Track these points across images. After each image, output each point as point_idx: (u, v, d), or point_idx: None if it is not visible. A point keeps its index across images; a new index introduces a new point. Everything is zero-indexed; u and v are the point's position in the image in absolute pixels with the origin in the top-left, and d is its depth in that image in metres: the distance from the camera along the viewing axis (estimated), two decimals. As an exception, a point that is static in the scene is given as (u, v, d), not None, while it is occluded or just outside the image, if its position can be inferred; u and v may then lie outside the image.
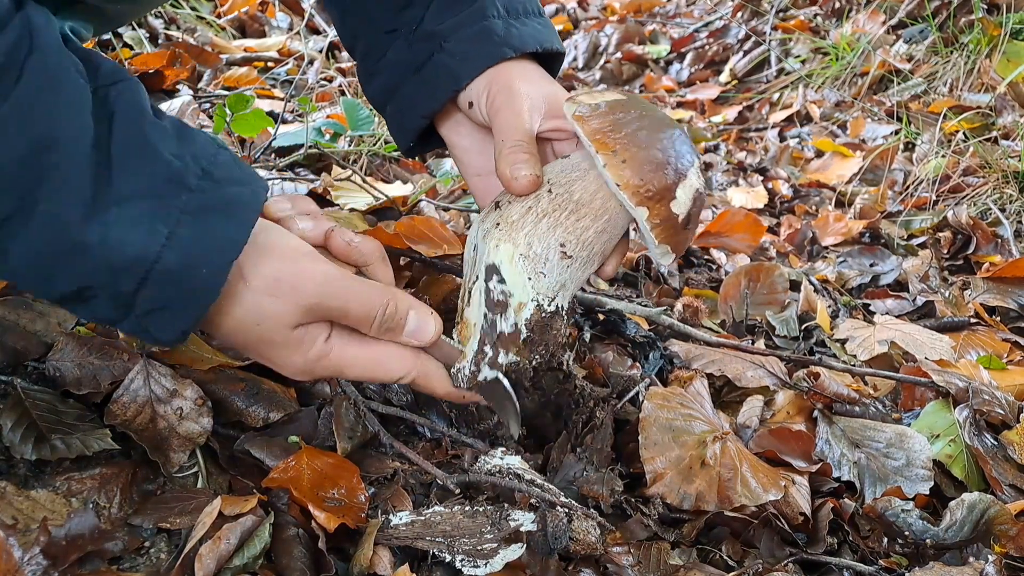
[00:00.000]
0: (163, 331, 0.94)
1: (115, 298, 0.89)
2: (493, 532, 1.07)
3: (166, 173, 0.89)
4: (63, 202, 0.84)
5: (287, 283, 0.97)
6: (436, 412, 1.29)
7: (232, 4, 3.77)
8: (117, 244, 0.86)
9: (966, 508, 1.29)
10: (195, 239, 0.89)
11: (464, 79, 1.23)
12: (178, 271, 0.88)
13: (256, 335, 0.99)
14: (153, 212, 0.87)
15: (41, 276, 0.88)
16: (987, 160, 2.86)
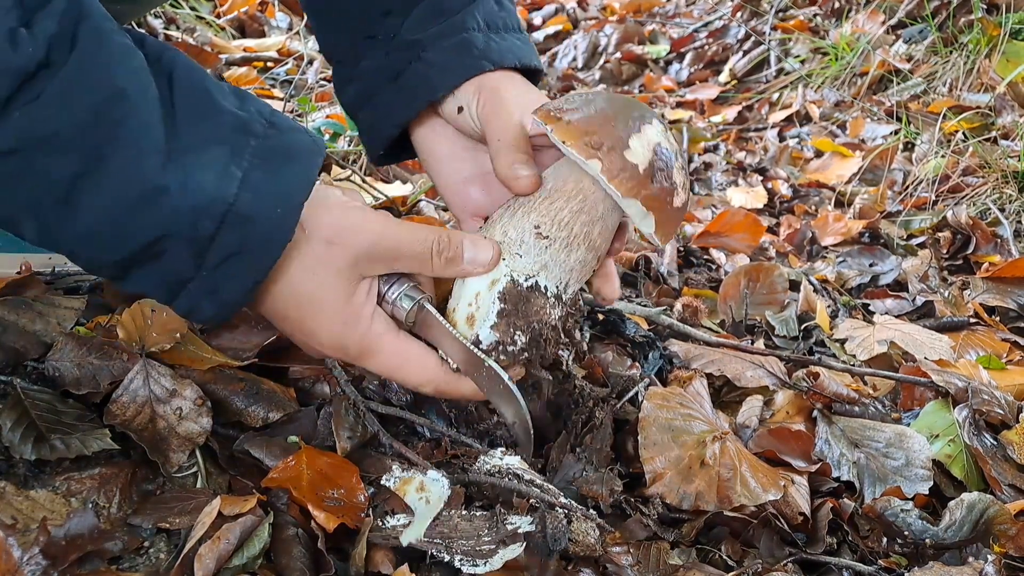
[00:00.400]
0: (234, 285, 0.94)
1: (192, 244, 0.90)
2: (491, 535, 1.07)
3: (232, 122, 0.93)
4: (139, 151, 0.87)
5: (347, 230, 1.01)
6: (436, 412, 1.29)
7: (231, 4, 3.77)
8: (196, 186, 0.89)
9: (965, 508, 1.29)
10: (267, 181, 0.93)
11: (441, 90, 1.22)
12: (254, 213, 0.91)
13: (308, 292, 1.00)
14: (226, 157, 0.91)
15: (116, 230, 0.88)
16: (986, 160, 2.86)
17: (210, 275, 0.93)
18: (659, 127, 1.11)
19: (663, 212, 1.10)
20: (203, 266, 0.92)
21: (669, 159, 1.10)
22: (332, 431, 1.22)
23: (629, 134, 1.08)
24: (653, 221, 1.09)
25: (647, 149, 1.08)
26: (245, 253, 0.93)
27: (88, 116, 0.84)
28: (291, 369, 1.32)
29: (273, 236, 0.94)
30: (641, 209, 1.08)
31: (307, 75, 3.01)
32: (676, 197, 1.11)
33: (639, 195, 1.08)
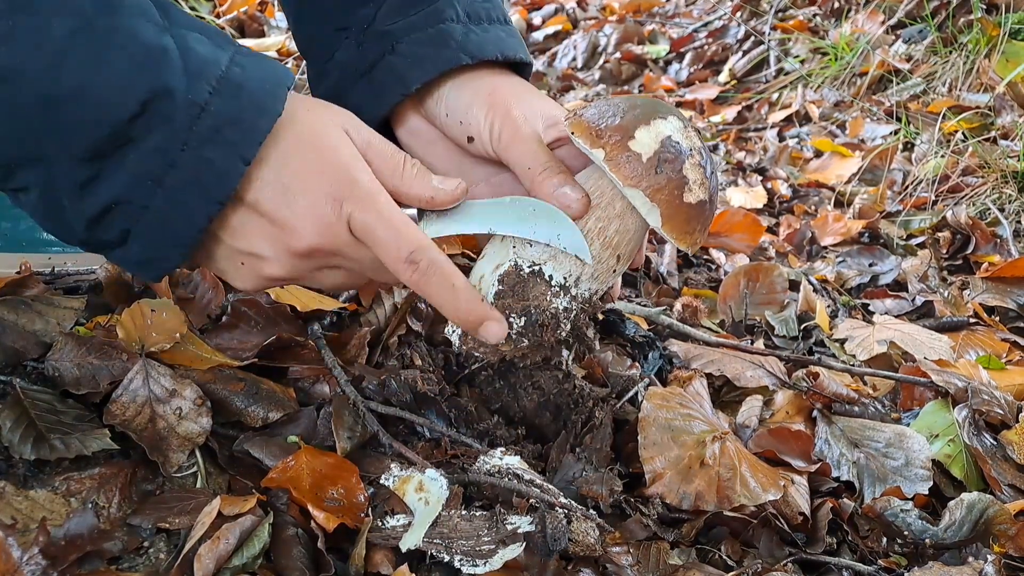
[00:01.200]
0: (223, 167, 0.92)
1: (187, 108, 0.89)
2: (491, 535, 1.07)
3: (214, 29, 0.97)
4: (138, 16, 0.88)
5: (329, 105, 1.04)
6: (435, 412, 1.29)
7: (231, 4, 3.77)
8: (190, 52, 0.90)
9: (965, 508, 1.29)
10: (253, 65, 0.95)
11: (414, 83, 1.18)
12: (245, 83, 0.93)
13: (303, 147, 0.98)
14: (211, 43, 0.94)
15: (115, 84, 0.86)
16: (986, 160, 2.86)
17: (197, 154, 0.90)
18: (676, 123, 1.10)
19: (670, 205, 1.07)
20: (191, 140, 0.90)
21: (681, 152, 1.08)
22: (332, 431, 1.22)
23: (637, 126, 1.08)
24: (659, 214, 1.08)
25: (654, 140, 1.07)
26: (237, 122, 0.92)
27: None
28: (291, 369, 1.32)
29: (265, 106, 0.94)
30: (645, 200, 1.07)
31: (306, 75, 3.01)
32: (688, 192, 1.08)
33: (640, 185, 1.07)
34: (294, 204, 0.98)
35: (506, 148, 1.15)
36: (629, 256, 1.16)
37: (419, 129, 1.25)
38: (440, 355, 1.43)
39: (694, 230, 1.11)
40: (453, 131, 1.21)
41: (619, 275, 1.18)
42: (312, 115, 1.01)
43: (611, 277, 1.16)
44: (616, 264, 1.15)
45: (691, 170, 1.09)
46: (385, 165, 1.03)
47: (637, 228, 1.14)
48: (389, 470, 1.16)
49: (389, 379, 1.30)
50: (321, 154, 0.99)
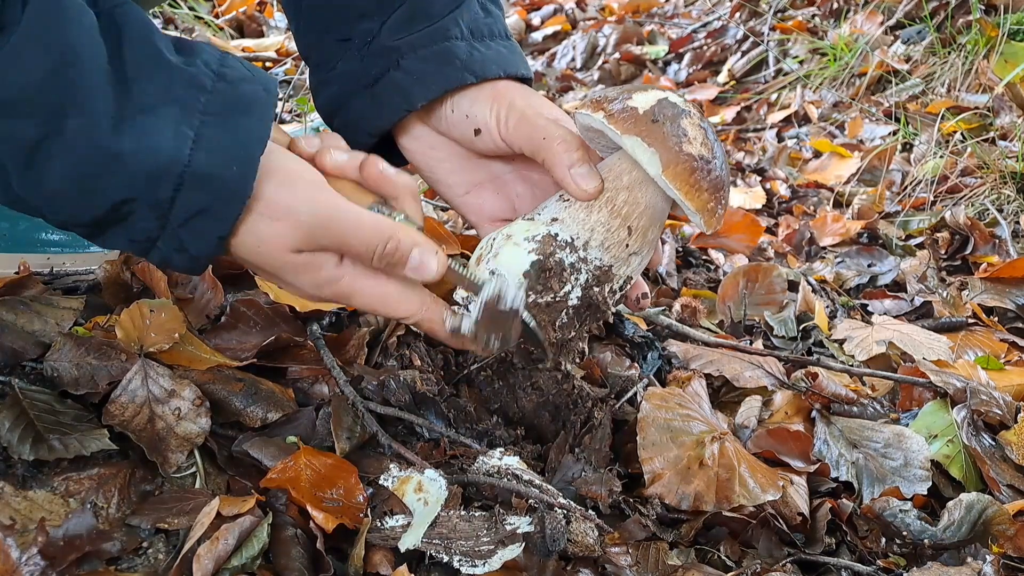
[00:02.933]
0: (200, 241, 0.94)
1: (154, 208, 0.90)
2: (490, 535, 1.07)
3: (182, 79, 0.91)
4: (91, 116, 0.86)
5: (282, 206, 0.96)
6: (434, 412, 1.29)
7: (230, 4, 3.77)
8: (149, 151, 0.88)
9: (964, 508, 1.29)
10: (220, 138, 0.91)
11: (419, 101, 1.19)
12: (210, 171, 0.91)
13: (259, 258, 0.99)
14: (177, 117, 0.90)
15: (83, 192, 0.89)
16: (985, 161, 2.86)
17: (175, 233, 0.93)
18: (674, 97, 1.12)
19: (669, 151, 1.08)
20: (167, 226, 0.92)
21: (679, 109, 1.10)
22: (331, 431, 1.22)
23: (635, 92, 1.12)
24: (659, 160, 1.08)
25: (652, 99, 1.11)
26: (207, 212, 0.92)
27: (43, 78, 0.84)
28: (289, 369, 1.32)
29: (233, 193, 0.93)
30: (643, 146, 1.08)
31: (305, 75, 3.01)
32: (687, 143, 1.09)
33: (637, 131, 1.08)
34: (297, 280, 1.03)
35: (515, 129, 1.16)
36: (643, 233, 1.14)
37: (422, 135, 1.26)
38: (439, 355, 1.43)
39: (702, 188, 1.09)
40: (459, 128, 1.21)
41: (638, 257, 1.16)
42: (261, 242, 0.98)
43: (623, 251, 1.14)
44: (628, 237, 1.13)
45: (690, 127, 1.10)
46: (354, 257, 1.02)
47: (649, 203, 1.13)
48: (388, 470, 1.16)
49: (388, 379, 1.30)
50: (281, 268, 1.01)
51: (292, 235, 0.97)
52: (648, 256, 1.18)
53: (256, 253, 0.99)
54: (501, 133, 1.17)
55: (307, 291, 1.04)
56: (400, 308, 1.06)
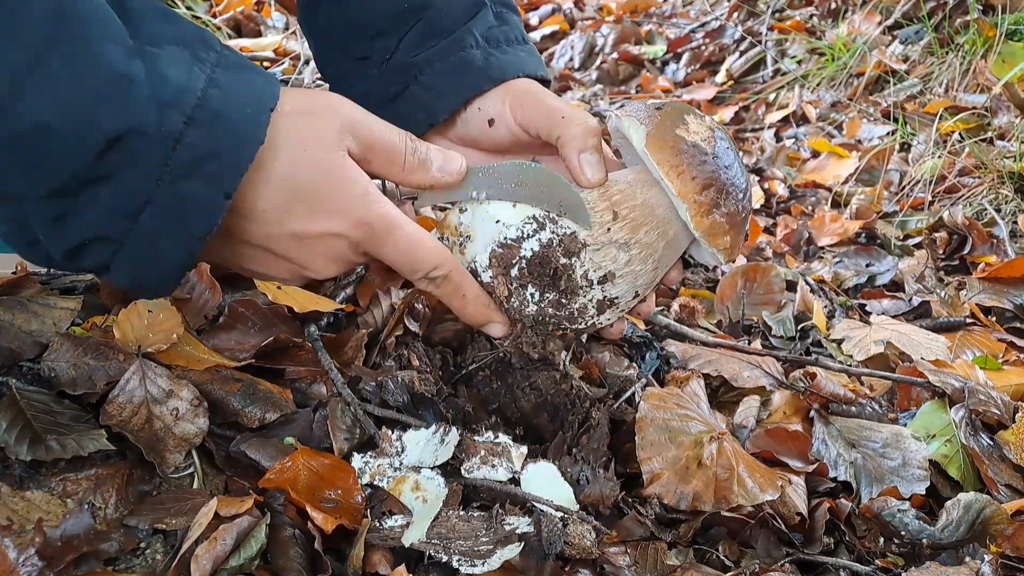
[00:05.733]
0: (201, 202, 0.84)
1: (160, 142, 0.81)
2: (488, 535, 1.07)
3: (193, 31, 0.88)
4: (101, 39, 0.79)
5: (322, 104, 0.95)
6: (433, 412, 1.29)
7: (228, 3, 3.76)
8: (162, 77, 0.81)
9: (962, 508, 1.29)
10: (233, 84, 0.86)
11: (442, 114, 1.20)
12: (223, 109, 0.84)
13: (310, 171, 0.92)
14: (189, 58, 0.84)
15: (77, 123, 0.78)
16: (983, 161, 2.86)
17: (171, 194, 0.82)
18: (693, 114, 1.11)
19: (658, 127, 1.07)
20: (165, 180, 0.82)
21: (686, 108, 1.10)
22: (329, 432, 1.21)
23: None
24: (644, 133, 1.07)
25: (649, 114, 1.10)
26: (216, 155, 0.84)
27: (36, 5, 0.76)
28: (288, 370, 1.32)
29: (245, 134, 0.85)
30: (636, 123, 1.08)
31: (304, 75, 3.01)
32: (683, 128, 1.07)
33: (635, 114, 1.09)
34: (311, 251, 0.98)
35: (532, 109, 1.15)
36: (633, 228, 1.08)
37: (440, 144, 1.26)
38: (438, 356, 1.42)
39: (686, 174, 1.05)
40: (474, 124, 1.21)
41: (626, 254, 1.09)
42: (309, 140, 0.93)
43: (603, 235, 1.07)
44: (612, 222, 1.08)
45: (694, 121, 1.09)
46: (386, 160, 1.01)
47: (650, 202, 1.09)
48: (385, 471, 1.16)
49: (386, 380, 1.30)
50: (331, 196, 0.94)
51: (335, 125, 0.94)
52: (648, 267, 1.12)
53: (302, 165, 0.91)
54: (516, 117, 1.17)
55: (354, 213, 0.95)
56: (437, 249, 1.02)
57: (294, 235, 0.95)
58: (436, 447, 1.18)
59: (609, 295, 1.10)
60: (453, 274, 1.05)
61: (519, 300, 1.09)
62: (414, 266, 1.01)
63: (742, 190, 1.09)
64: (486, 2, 1.25)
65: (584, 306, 1.11)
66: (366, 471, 1.15)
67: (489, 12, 1.25)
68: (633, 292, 1.11)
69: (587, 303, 1.10)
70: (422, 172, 1.03)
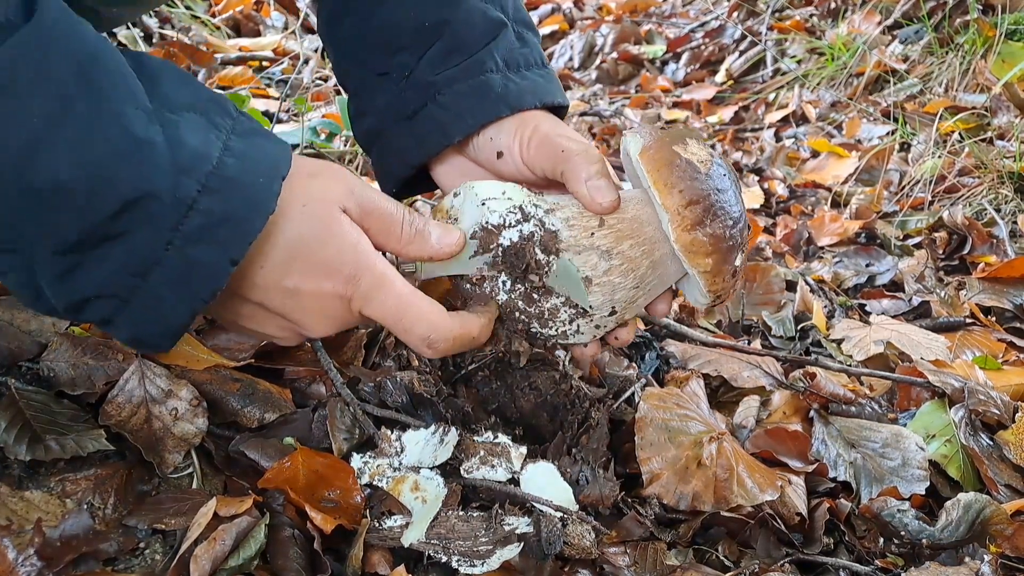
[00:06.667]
0: (209, 266, 0.86)
1: (174, 207, 0.82)
2: (488, 535, 1.07)
3: (208, 95, 0.89)
4: (124, 102, 0.81)
5: (327, 169, 0.97)
6: (432, 413, 1.29)
7: (227, 3, 3.76)
8: (179, 143, 0.82)
9: (962, 508, 1.29)
10: (248, 151, 0.88)
11: (456, 135, 1.20)
12: (237, 177, 0.85)
13: (308, 228, 0.93)
14: (205, 125, 0.86)
15: (96, 184, 0.78)
16: (983, 161, 2.86)
17: (179, 258, 0.84)
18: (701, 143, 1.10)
19: (652, 138, 1.07)
20: (176, 239, 0.83)
21: (695, 134, 1.10)
22: (328, 432, 1.21)
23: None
24: (640, 142, 1.07)
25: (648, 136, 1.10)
26: (227, 222, 0.85)
27: (61, 66, 0.78)
28: (287, 370, 1.32)
29: (258, 203, 0.87)
30: (636, 136, 1.08)
31: (303, 75, 3.01)
32: (680, 146, 1.06)
33: (639, 131, 1.08)
34: (305, 307, 0.98)
35: (537, 150, 1.15)
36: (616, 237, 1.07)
37: (455, 163, 1.27)
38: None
39: (674, 187, 1.03)
40: (484, 152, 1.22)
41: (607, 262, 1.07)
42: (309, 198, 0.94)
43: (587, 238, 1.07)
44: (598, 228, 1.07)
45: (695, 143, 1.08)
46: (383, 229, 1.01)
47: (640, 218, 1.08)
48: (384, 472, 1.16)
49: (385, 381, 1.30)
50: (325, 248, 0.95)
51: (339, 187, 0.96)
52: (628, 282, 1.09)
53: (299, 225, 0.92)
54: (523, 156, 1.17)
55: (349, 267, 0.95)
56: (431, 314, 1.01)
57: (289, 291, 0.96)
58: (435, 447, 1.18)
59: (583, 302, 1.09)
60: (450, 340, 1.02)
61: (491, 286, 1.08)
62: (405, 327, 1.00)
63: (733, 218, 1.06)
64: (507, 23, 1.25)
65: (555, 308, 1.09)
66: (365, 471, 1.15)
67: (510, 33, 1.25)
68: (610, 307, 1.09)
69: (559, 305, 1.09)
70: (419, 244, 1.03)
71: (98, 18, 1.36)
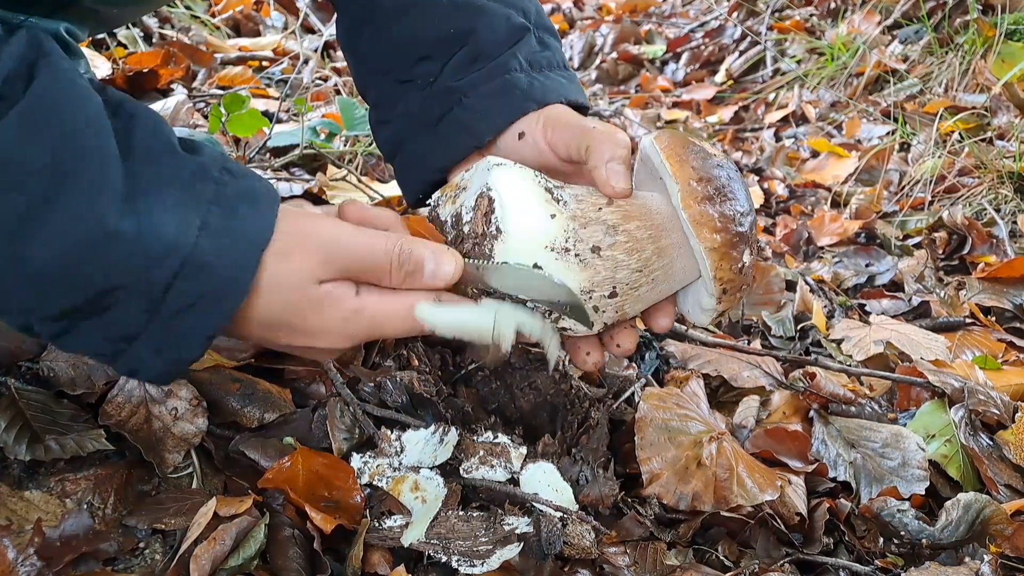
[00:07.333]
0: (188, 340, 0.89)
1: (146, 294, 0.85)
2: (488, 535, 1.07)
3: (190, 166, 0.88)
4: (95, 191, 0.81)
5: (292, 240, 0.93)
6: (432, 413, 1.29)
7: (227, 3, 3.76)
8: (152, 233, 0.83)
9: (962, 508, 1.29)
10: (226, 229, 0.87)
11: (487, 135, 1.19)
12: (212, 261, 0.86)
13: (282, 309, 0.93)
14: (183, 202, 0.86)
15: (67, 274, 0.82)
16: (982, 161, 2.86)
17: (160, 330, 0.87)
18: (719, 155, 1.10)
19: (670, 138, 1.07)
20: (154, 320, 0.87)
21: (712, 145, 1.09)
22: (328, 432, 1.21)
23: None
24: (654, 139, 1.07)
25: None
26: (201, 305, 0.87)
27: (41, 152, 0.79)
28: (287, 370, 1.32)
29: (232, 286, 0.88)
30: (651, 136, 1.07)
31: (303, 75, 3.01)
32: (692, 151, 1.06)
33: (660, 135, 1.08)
34: (311, 349, 1.00)
35: (561, 130, 1.14)
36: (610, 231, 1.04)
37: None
38: (437, 356, 1.42)
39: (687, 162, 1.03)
40: (507, 138, 1.20)
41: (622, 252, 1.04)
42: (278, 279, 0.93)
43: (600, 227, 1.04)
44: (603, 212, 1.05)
45: (710, 146, 1.07)
46: (373, 278, 0.99)
47: (648, 204, 1.07)
48: (384, 472, 1.16)
49: (385, 381, 1.30)
50: (306, 324, 0.95)
51: (307, 264, 0.93)
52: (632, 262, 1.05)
53: (279, 305, 0.93)
54: (547, 137, 1.16)
55: (339, 331, 0.97)
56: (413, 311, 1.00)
57: (286, 345, 0.99)
58: (435, 447, 1.18)
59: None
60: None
61: (490, 244, 1.03)
62: (415, 333, 1.01)
63: (744, 209, 1.06)
64: (529, 27, 1.24)
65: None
66: (365, 471, 1.15)
67: (532, 37, 1.24)
68: (610, 286, 1.04)
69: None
70: (413, 283, 1.00)
71: (98, 18, 1.36)
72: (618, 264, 1.04)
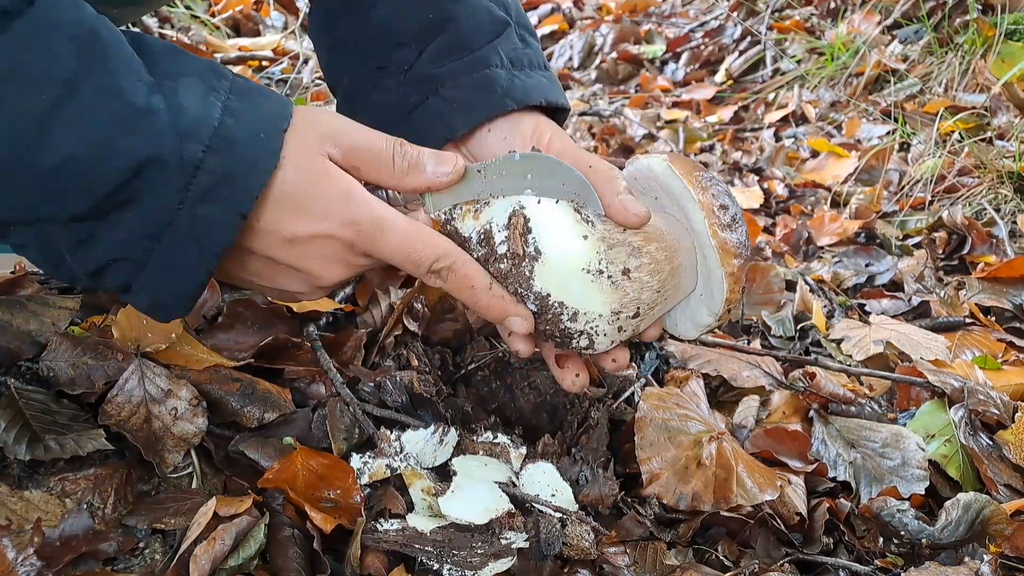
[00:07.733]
0: (220, 224, 0.89)
1: (178, 171, 0.86)
2: (484, 548, 1.06)
3: (205, 63, 0.92)
4: (123, 76, 0.84)
5: (304, 123, 0.96)
6: (432, 413, 1.29)
7: (226, 3, 3.76)
8: (181, 109, 0.86)
9: (962, 508, 1.29)
10: (247, 111, 0.91)
11: (461, 128, 1.18)
12: (239, 137, 0.89)
13: (297, 180, 0.94)
14: (204, 89, 0.89)
15: (101, 155, 0.83)
16: (982, 160, 2.86)
17: (190, 216, 0.88)
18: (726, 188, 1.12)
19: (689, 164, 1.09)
20: (186, 200, 0.87)
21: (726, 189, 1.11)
22: (327, 432, 1.21)
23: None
24: (663, 156, 1.07)
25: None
26: (231, 179, 0.88)
27: (63, 47, 0.82)
28: (287, 370, 1.32)
29: (259, 160, 0.90)
30: (671, 168, 1.08)
31: (302, 74, 3.01)
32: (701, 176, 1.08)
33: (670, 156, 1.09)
34: (308, 254, 0.99)
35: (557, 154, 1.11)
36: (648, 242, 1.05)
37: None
38: (437, 355, 1.42)
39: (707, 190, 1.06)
40: (488, 148, 1.20)
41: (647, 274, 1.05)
42: (298, 152, 0.95)
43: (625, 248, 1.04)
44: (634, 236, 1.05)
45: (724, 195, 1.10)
46: (374, 166, 1.00)
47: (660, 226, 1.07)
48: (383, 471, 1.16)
49: (384, 381, 1.30)
50: (311, 198, 0.96)
51: (315, 138, 0.96)
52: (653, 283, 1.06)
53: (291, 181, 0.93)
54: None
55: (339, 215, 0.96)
56: (437, 241, 1.00)
57: (288, 240, 0.97)
58: (435, 447, 1.18)
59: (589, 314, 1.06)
60: (457, 264, 1.01)
61: (530, 266, 1.03)
62: (413, 260, 1.00)
63: (747, 239, 1.09)
64: (510, 22, 1.23)
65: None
66: (365, 471, 1.15)
67: (514, 33, 1.23)
68: (635, 307, 1.05)
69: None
70: (415, 175, 1.02)
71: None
72: (643, 285, 1.06)
